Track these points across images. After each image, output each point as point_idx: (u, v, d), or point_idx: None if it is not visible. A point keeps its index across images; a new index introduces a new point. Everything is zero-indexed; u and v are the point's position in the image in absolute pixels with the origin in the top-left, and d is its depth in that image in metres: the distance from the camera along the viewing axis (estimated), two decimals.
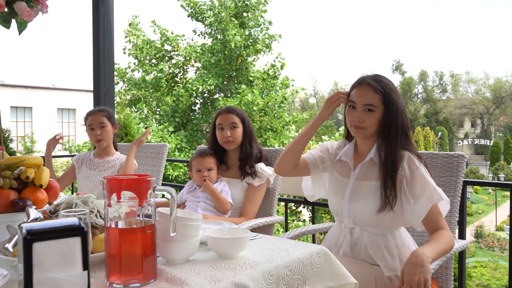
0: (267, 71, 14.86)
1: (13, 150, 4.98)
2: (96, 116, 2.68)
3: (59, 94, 25.48)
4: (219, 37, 14.85)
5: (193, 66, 16.09)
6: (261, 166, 2.23)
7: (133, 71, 15.96)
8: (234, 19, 14.75)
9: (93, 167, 2.72)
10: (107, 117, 2.70)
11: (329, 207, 1.83)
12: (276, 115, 14.04)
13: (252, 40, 14.84)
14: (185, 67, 16.05)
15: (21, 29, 1.73)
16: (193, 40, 16.15)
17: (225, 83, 15.07)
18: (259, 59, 15.33)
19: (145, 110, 14.93)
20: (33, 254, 0.76)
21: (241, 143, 2.27)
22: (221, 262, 1.16)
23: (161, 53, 15.56)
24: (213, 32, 15.24)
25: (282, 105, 14.24)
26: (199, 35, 16.00)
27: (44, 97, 24.65)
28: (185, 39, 15.91)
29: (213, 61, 14.76)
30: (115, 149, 2.81)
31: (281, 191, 2.51)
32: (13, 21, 1.73)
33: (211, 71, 14.82)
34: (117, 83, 15.73)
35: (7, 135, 4.93)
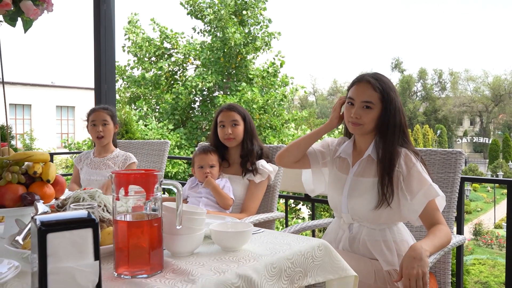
0: (267, 69, 14.88)
1: (14, 147, 5.01)
2: (99, 113, 2.73)
3: (58, 91, 25.44)
4: (219, 35, 14.86)
5: (192, 63, 16.10)
6: (262, 163, 2.26)
7: (133, 68, 15.99)
8: (233, 17, 14.76)
9: (94, 166, 2.76)
10: (110, 116, 2.75)
11: (329, 202, 1.86)
12: (275, 113, 14.07)
13: (251, 38, 14.86)
14: (185, 65, 16.06)
15: (26, 27, 1.75)
16: (192, 37, 16.17)
17: (224, 80, 15.08)
18: (258, 57, 15.36)
19: (145, 107, 14.95)
20: (47, 244, 0.79)
21: (242, 140, 2.30)
22: (225, 254, 1.19)
23: (161, 50, 15.56)
24: (212, 30, 15.25)
25: (281, 103, 14.27)
26: (198, 33, 16.01)
27: (43, 95, 24.60)
28: (185, 37, 15.92)
29: (212, 58, 14.77)
30: (114, 146, 2.86)
31: (281, 188, 2.53)
32: (18, 19, 1.76)
33: (210, 68, 14.83)
34: (116, 81, 15.71)
35: (9, 132, 4.95)
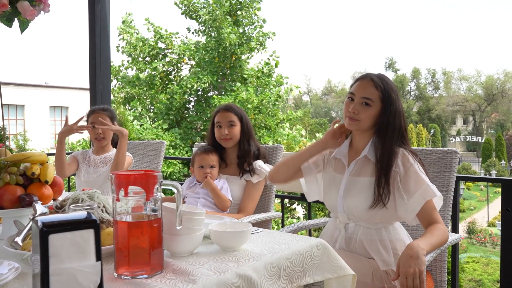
0: (261, 69, 14.89)
1: (9, 148, 4.97)
2: (99, 115, 2.70)
3: (52, 92, 25.28)
4: (213, 35, 14.85)
5: (187, 64, 16.08)
6: (259, 163, 2.26)
7: (127, 69, 15.94)
8: (228, 17, 14.76)
9: (91, 164, 2.77)
10: (109, 117, 2.73)
11: (325, 203, 1.86)
12: (270, 113, 14.08)
13: (246, 38, 14.86)
14: (179, 65, 16.04)
15: (23, 28, 1.75)
16: (187, 38, 16.15)
17: (219, 81, 15.07)
18: (253, 57, 15.38)
19: (139, 108, 14.92)
20: (49, 245, 0.79)
21: (239, 141, 2.30)
22: (224, 254, 1.20)
23: (155, 50, 15.53)
24: (207, 30, 15.24)
25: (276, 103, 14.29)
26: (193, 33, 16.00)
27: (36, 95, 24.45)
28: (179, 37, 15.90)
29: (207, 58, 14.76)
30: (114, 146, 2.86)
31: (277, 187, 2.54)
32: (15, 20, 1.76)
33: (205, 68, 14.82)
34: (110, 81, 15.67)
35: (2, 133, 4.92)
